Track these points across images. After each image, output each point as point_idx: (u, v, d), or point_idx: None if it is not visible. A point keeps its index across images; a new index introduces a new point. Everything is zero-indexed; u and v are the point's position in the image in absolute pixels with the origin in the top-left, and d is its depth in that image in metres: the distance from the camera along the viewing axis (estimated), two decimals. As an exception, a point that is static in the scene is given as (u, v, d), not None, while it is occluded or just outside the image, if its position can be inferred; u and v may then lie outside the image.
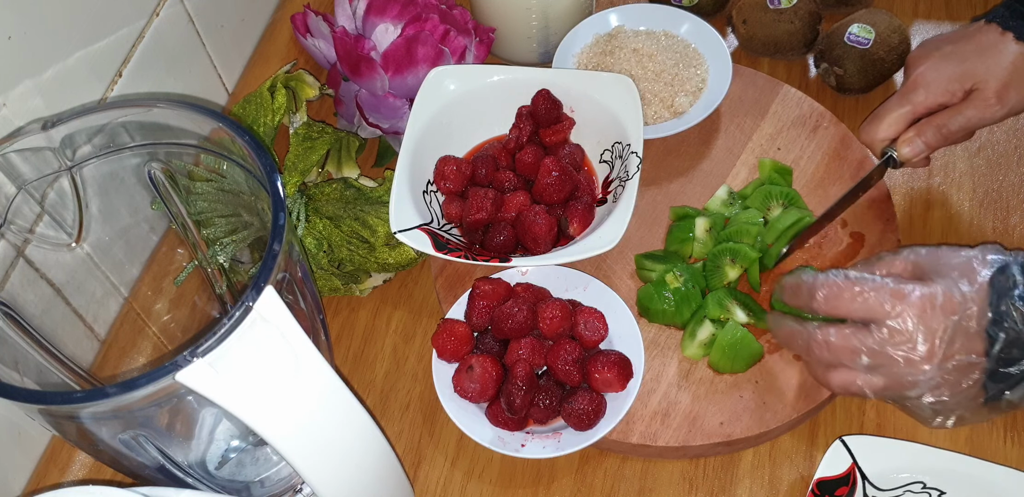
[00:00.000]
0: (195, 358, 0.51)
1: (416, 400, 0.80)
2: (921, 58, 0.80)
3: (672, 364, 0.77)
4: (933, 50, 0.80)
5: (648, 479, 0.75)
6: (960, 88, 0.77)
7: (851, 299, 0.66)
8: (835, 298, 0.67)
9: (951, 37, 0.80)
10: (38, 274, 0.68)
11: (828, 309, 0.67)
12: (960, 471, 0.70)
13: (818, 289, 0.68)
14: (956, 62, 0.78)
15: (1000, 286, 0.65)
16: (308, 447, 0.55)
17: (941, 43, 0.80)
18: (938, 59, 0.79)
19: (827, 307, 0.67)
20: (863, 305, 0.66)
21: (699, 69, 0.90)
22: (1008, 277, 0.65)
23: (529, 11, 0.92)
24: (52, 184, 0.66)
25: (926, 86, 0.78)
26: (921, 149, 0.79)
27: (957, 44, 0.79)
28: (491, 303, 0.75)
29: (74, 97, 0.76)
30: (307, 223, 0.81)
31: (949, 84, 0.77)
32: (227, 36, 0.95)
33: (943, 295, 0.65)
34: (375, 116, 0.88)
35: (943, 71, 0.78)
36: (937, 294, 0.65)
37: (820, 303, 0.67)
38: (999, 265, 0.66)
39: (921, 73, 0.79)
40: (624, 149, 0.81)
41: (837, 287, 0.67)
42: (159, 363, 0.61)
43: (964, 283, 0.65)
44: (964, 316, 0.64)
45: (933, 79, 0.78)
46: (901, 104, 0.79)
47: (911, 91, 0.79)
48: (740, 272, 0.78)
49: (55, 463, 0.78)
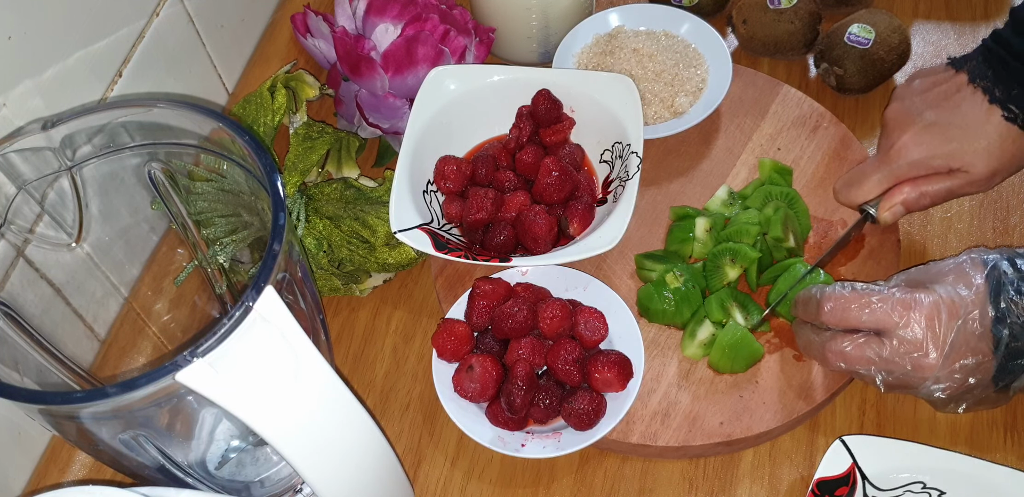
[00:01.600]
0: (195, 358, 0.51)
1: (416, 400, 0.80)
2: (902, 123, 0.78)
3: (672, 364, 0.77)
4: (915, 114, 0.77)
5: (648, 479, 0.75)
6: (945, 166, 0.76)
7: (859, 311, 0.68)
8: (843, 310, 0.69)
9: (931, 97, 0.77)
10: (38, 274, 0.68)
11: (836, 321, 0.69)
12: (960, 471, 0.70)
13: (825, 302, 0.70)
14: (942, 140, 0.76)
15: (995, 284, 0.67)
16: (308, 447, 0.55)
17: (920, 106, 0.77)
18: (921, 131, 0.76)
19: (835, 319, 0.69)
20: (871, 316, 0.68)
21: (699, 69, 0.90)
22: (1001, 273, 0.67)
23: (529, 11, 0.92)
24: (52, 184, 0.66)
25: (909, 161, 0.77)
26: (902, 214, 0.79)
27: (940, 111, 0.76)
28: (491, 303, 0.75)
29: (74, 97, 0.76)
30: (307, 223, 0.81)
31: (934, 161, 0.76)
32: (227, 36, 0.95)
33: (946, 301, 0.67)
34: (375, 116, 0.88)
35: (927, 147, 0.76)
36: (940, 301, 0.67)
37: (828, 316, 0.69)
38: (990, 264, 0.68)
39: (904, 145, 0.77)
40: (624, 149, 0.81)
41: (844, 300, 0.69)
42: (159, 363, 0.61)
43: (961, 287, 0.68)
44: (967, 320, 0.66)
45: (917, 154, 0.76)
46: (881, 171, 0.78)
47: (893, 162, 0.78)
48: (740, 272, 0.78)
49: (55, 463, 0.78)
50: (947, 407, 0.70)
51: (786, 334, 0.78)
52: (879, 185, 0.79)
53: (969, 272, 0.68)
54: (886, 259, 0.81)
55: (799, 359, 0.76)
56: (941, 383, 0.67)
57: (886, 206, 0.79)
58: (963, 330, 0.66)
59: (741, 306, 0.77)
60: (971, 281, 0.68)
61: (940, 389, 0.68)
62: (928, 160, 0.76)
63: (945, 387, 0.68)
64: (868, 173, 0.79)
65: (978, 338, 0.66)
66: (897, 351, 0.67)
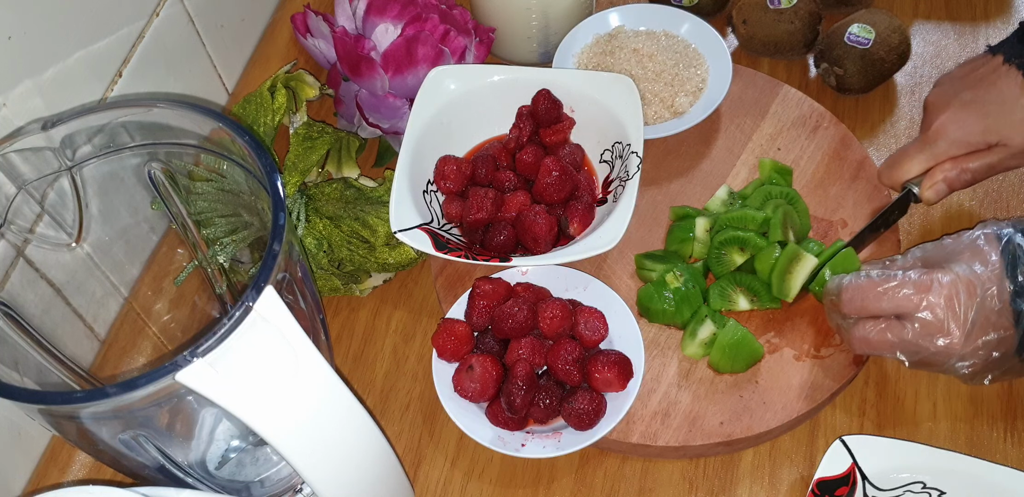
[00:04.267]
0: (195, 358, 0.51)
1: (416, 400, 0.80)
2: (941, 105, 0.79)
3: (672, 364, 0.77)
4: (952, 96, 0.78)
5: (648, 479, 0.75)
6: (983, 142, 0.77)
7: (877, 298, 0.69)
8: (861, 299, 0.70)
9: (969, 80, 0.78)
10: (38, 274, 0.68)
11: (857, 310, 0.71)
12: (960, 471, 0.70)
13: (844, 293, 0.71)
14: (979, 116, 0.77)
15: (1011, 258, 0.68)
16: (308, 447, 0.55)
17: (959, 87, 0.78)
18: (959, 109, 0.77)
19: (855, 309, 0.71)
20: (890, 303, 0.69)
21: (699, 69, 0.90)
22: (1016, 247, 0.69)
23: (529, 11, 0.92)
24: (52, 184, 0.66)
25: (948, 139, 0.77)
26: (945, 192, 0.79)
27: (977, 91, 0.77)
28: (491, 303, 0.75)
29: (74, 97, 0.76)
30: (307, 223, 0.81)
31: (972, 137, 0.77)
32: (227, 36, 0.95)
33: (963, 280, 0.68)
34: (375, 116, 0.88)
35: (966, 125, 0.77)
36: (958, 280, 0.68)
37: (847, 306, 0.71)
38: (1004, 239, 0.69)
39: (943, 124, 0.78)
40: (624, 149, 0.81)
41: (861, 289, 0.70)
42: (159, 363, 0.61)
43: (977, 265, 0.69)
44: (986, 296, 0.67)
45: (956, 132, 0.77)
46: (922, 151, 0.79)
47: (932, 141, 0.78)
48: (747, 258, 0.78)
49: (55, 463, 0.78)
50: (974, 380, 0.71)
51: (787, 334, 0.78)
52: (921, 164, 0.79)
53: (984, 248, 0.69)
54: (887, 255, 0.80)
55: (799, 359, 0.77)
56: (966, 360, 0.68)
57: (928, 184, 0.79)
58: (983, 307, 0.67)
59: (747, 289, 0.77)
60: (987, 258, 0.69)
61: (966, 366, 0.69)
62: (967, 137, 0.77)
63: (970, 364, 0.69)
64: (910, 153, 0.80)
65: (998, 314, 0.67)
66: (919, 333, 0.68)
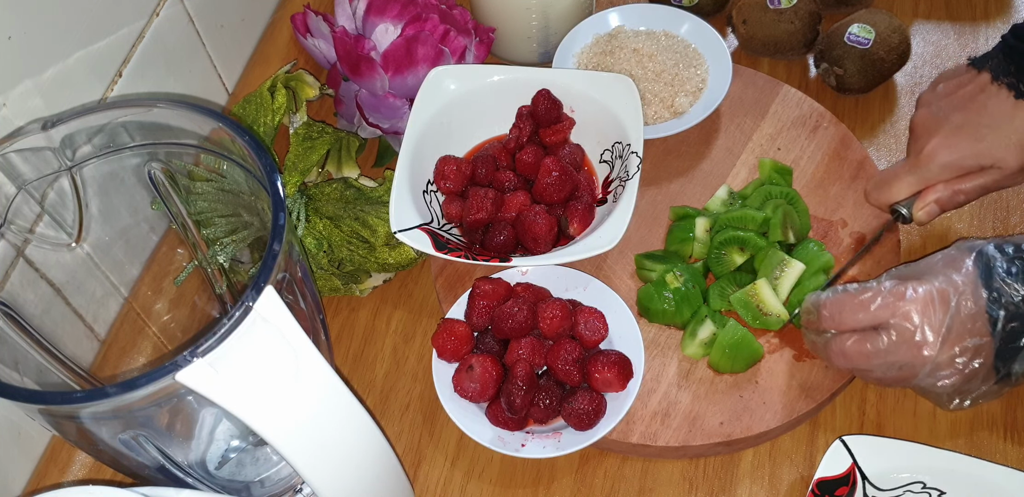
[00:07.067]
0: (195, 358, 0.51)
1: (416, 400, 0.80)
2: (930, 128, 0.78)
3: (672, 364, 0.77)
4: (942, 118, 0.77)
5: (648, 479, 0.75)
6: (976, 165, 0.76)
7: (854, 310, 0.69)
8: (839, 313, 0.70)
9: (956, 99, 0.77)
10: (38, 274, 0.68)
11: (837, 324, 0.70)
12: (960, 471, 0.70)
13: (823, 309, 0.71)
14: (972, 140, 0.75)
15: (984, 267, 0.68)
16: (308, 447, 0.55)
17: (947, 108, 0.77)
18: (950, 134, 0.76)
19: (835, 323, 0.70)
20: (867, 314, 0.68)
21: (699, 69, 0.90)
22: (989, 257, 0.69)
23: (529, 11, 0.92)
24: (52, 184, 0.66)
25: (940, 163, 0.77)
26: (937, 213, 0.79)
27: (967, 113, 0.76)
28: (491, 303, 0.75)
29: (74, 97, 0.76)
30: (307, 223, 0.81)
31: (965, 161, 0.76)
32: (227, 36, 0.95)
33: (938, 289, 0.68)
34: (375, 116, 0.88)
35: (959, 150, 0.76)
36: (933, 289, 0.68)
37: (827, 321, 0.70)
38: (976, 249, 0.70)
39: (934, 149, 0.77)
40: (624, 149, 0.81)
41: (839, 303, 0.70)
42: (159, 363, 0.61)
43: (952, 273, 0.69)
44: (960, 300, 0.67)
45: (948, 157, 0.76)
46: (912, 174, 0.78)
47: (924, 165, 0.77)
48: (747, 258, 0.78)
49: (55, 463, 0.78)
50: (952, 402, 0.70)
51: (786, 334, 0.78)
52: (911, 187, 0.79)
53: (957, 258, 0.70)
54: (886, 259, 0.81)
55: (799, 359, 0.77)
56: (943, 370, 0.67)
57: (920, 206, 0.78)
58: (958, 313, 0.67)
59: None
60: (960, 266, 0.69)
61: (944, 377, 0.68)
62: (960, 161, 0.76)
63: (948, 374, 0.68)
64: (900, 176, 0.79)
65: (973, 318, 0.67)
66: (896, 341, 0.67)
